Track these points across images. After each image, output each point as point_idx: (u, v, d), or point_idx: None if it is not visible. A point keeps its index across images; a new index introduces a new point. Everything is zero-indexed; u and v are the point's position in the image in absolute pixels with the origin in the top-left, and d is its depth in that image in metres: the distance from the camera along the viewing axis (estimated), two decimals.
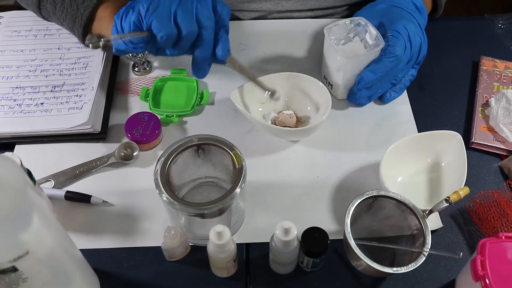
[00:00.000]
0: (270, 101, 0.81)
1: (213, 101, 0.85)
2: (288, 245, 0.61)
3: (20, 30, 0.92)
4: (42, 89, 0.83)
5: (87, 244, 0.69)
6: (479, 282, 0.57)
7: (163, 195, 0.61)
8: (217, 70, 0.89)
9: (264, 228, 0.70)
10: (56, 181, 0.75)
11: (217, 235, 0.59)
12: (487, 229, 0.70)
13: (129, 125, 0.78)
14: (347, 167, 0.77)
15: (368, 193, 0.65)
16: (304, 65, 0.89)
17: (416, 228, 0.65)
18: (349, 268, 0.68)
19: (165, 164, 0.64)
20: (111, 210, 0.73)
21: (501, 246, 0.58)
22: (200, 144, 0.66)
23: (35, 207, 0.47)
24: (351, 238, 0.62)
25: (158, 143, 0.79)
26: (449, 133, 0.74)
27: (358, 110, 0.84)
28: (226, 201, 0.61)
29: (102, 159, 0.77)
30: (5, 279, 0.49)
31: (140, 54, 0.86)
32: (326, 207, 0.73)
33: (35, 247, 0.48)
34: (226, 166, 0.68)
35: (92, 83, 0.83)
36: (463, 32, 0.96)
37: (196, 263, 0.68)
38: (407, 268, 0.60)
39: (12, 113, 0.80)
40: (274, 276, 0.68)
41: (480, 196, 0.73)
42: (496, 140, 0.79)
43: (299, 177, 0.76)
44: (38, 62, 0.87)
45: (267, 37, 0.94)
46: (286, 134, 0.79)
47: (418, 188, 0.75)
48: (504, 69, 0.89)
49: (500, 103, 0.81)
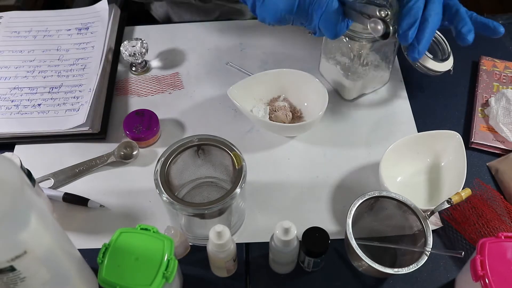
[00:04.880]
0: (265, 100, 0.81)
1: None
2: (287, 245, 0.61)
3: (19, 31, 0.92)
4: (39, 90, 0.83)
5: (86, 244, 0.68)
6: (478, 282, 0.56)
7: (163, 195, 0.61)
8: (217, 70, 0.90)
9: (264, 228, 0.70)
10: (56, 179, 0.75)
11: (217, 235, 0.59)
12: (468, 232, 0.70)
13: (128, 123, 0.78)
14: (347, 167, 0.77)
15: (370, 194, 0.65)
16: (304, 65, 0.89)
17: (418, 228, 0.65)
18: (349, 268, 0.67)
19: (165, 164, 0.64)
20: (111, 209, 0.72)
21: (500, 246, 0.58)
22: (200, 145, 0.66)
23: (33, 207, 0.47)
24: (353, 239, 0.62)
25: (157, 139, 0.79)
26: (449, 133, 0.74)
27: (358, 110, 0.84)
28: (226, 201, 0.60)
29: (102, 158, 0.77)
30: (3, 278, 0.49)
31: (138, 54, 0.86)
32: (326, 207, 0.73)
33: (33, 246, 0.48)
34: (226, 167, 0.68)
35: (90, 85, 0.83)
36: None
37: (196, 263, 0.67)
38: (408, 269, 0.60)
39: (9, 114, 0.80)
40: (274, 276, 0.67)
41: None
42: (496, 140, 0.79)
43: (299, 177, 0.76)
44: (37, 63, 0.87)
45: (267, 37, 0.94)
46: (283, 130, 0.79)
47: (417, 187, 0.75)
48: (504, 69, 0.88)
49: (500, 103, 0.81)
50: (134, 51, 0.85)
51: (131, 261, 0.56)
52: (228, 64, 0.89)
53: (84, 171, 0.76)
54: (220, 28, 0.96)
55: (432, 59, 0.74)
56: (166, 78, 0.89)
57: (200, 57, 0.92)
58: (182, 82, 0.88)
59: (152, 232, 0.59)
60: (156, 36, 0.95)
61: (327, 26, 0.67)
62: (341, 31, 0.67)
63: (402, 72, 0.89)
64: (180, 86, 0.88)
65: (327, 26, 0.67)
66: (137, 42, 0.86)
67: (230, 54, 0.92)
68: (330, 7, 0.65)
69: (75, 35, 0.92)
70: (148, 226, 0.59)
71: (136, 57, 0.86)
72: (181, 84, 0.88)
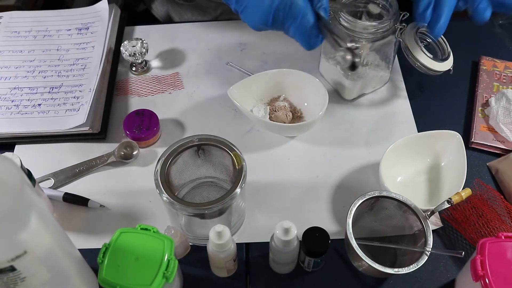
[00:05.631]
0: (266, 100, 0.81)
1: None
2: (288, 244, 0.61)
3: (19, 31, 0.92)
4: (40, 90, 0.83)
5: (86, 244, 0.69)
6: (479, 282, 0.56)
7: (163, 195, 0.61)
8: (217, 70, 0.90)
9: (264, 228, 0.70)
10: (56, 179, 0.75)
11: (217, 235, 0.59)
12: (468, 232, 0.70)
13: (128, 123, 0.78)
14: (347, 167, 0.77)
15: (370, 194, 0.65)
16: (304, 65, 0.89)
17: (418, 228, 0.64)
18: (349, 268, 0.67)
19: (165, 164, 0.64)
20: (111, 209, 0.72)
21: (501, 246, 0.58)
22: (200, 145, 0.66)
23: (34, 207, 0.47)
24: (353, 239, 0.62)
25: (157, 139, 0.79)
26: (449, 133, 0.74)
27: (358, 110, 0.84)
28: (226, 201, 0.60)
29: (102, 158, 0.77)
30: (3, 278, 0.49)
31: (138, 54, 0.86)
32: (326, 207, 0.73)
33: (33, 246, 0.48)
34: (226, 167, 0.68)
35: (90, 85, 0.83)
36: (463, 32, 0.95)
37: (196, 263, 0.67)
38: (408, 269, 0.60)
39: (10, 114, 0.80)
40: (274, 276, 0.67)
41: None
42: (496, 140, 0.79)
43: (299, 176, 0.76)
44: (37, 63, 0.87)
45: (267, 37, 0.94)
46: (283, 130, 0.79)
47: (417, 187, 0.75)
48: (504, 69, 0.88)
49: (500, 103, 0.81)
50: (134, 51, 0.85)
51: (131, 261, 0.56)
52: (228, 64, 0.89)
53: (84, 171, 0.76)
54: (220, 28, 0.96)
55: (432, 59, 0.74)
56: (166, 78, 0.89)
57: (200, 57, 0.92)
58: (182, 82, 0.88)
59: (152, 232, 0.59)
60: (156, 36, 0.95)
61: (302, 39, 0.68)
62: (316, 45, 0.68)
63: (402, 72, 0.89)
64: (180, 86, 0.88)
65: (302, 39, 0.68)
66: (137, 42, 0.86)
67: (230, 54, 0.92)
68: (304, 20, 0.66)
69: (75, 35, 0.92)
70: (148, 226, 0.59)
71: (136, 57, 0.86)
72: (181, 84, 0.88)
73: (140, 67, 0.89)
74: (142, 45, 0.86)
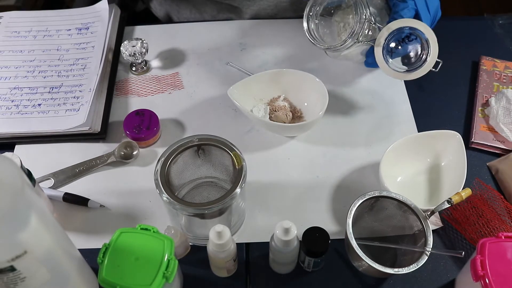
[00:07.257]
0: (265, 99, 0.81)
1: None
2: (288, 244, 0.61)
3: (19, 31, 0.92)
4: (40, 90, 0.83)
5: (86, 244, 0.68)
6: (479, 282, 0.56)
7: (163, 195, 0.61)
8: (217, 70, 0.89)
9: (264, 228, 0.70)
10: (56, 179, 0.75)
11: (217, 235, 0.59)
12: (468, 232, 0.70)
13: (128, 123, 0.78)
14: (347, 167, 0.77)
15: (370, 194, 0.65)
16: (304, 65, 0.89)
17: (418, 228, 0.64)
18: (349, 268, 0.67)
19: (165, 164, 0.64)
20: (111, 209, 0.72)
21: (501, 245, 0.58)
22: (200, 145, 0.66)
23: (34, 207, 0.47)
24: (353, 239, 0.62)
25: (157, 139, 0.79)
26: (449, 133, 0.74)
27: (358, 110, 0.84)
28: (226, 201, 0.60)
29: (102, 158, 0.77)
30: (3, 278, 0.49)
31: (138, 54, 0.86)
32: (326, 207, 0.73)
33: (33, 246, 0.48)
34: (226, 167, 0.68)
35: (90, 85, 0.83)
36: (463, 32, 0.96)
37: (196, 263, 0.67)
38: (408, 269, 0.60)
39: (10, 114, 0.80)
40: (274, 276, 0.67)
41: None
42: (496, 140, 0.79)
43: (299, 177, 0.76)
44: (37, 63, 0.87)
45: (267, 37, 0.94)
46: (283, 130, 0.79)
47: (417, 187, 0.75)
48: (504, 69, 0.88)
49: (500, 103, 0.81)
50: (134, 51, 0.85)
51: (131, 261, 0.56)
52: (228, 64, 0.89)
53: (84, 171, 0.76)
54: (220, 28, 0.96)
55: (405, 72, 0.74)
56: (166, 78, 0.89)
57: (200, 57, 0.92)
58: (182, 82, 0.88)
59: (152, 232, 0.59)
60: (156, 36, 0.95)
61: None
62: None
63: None
64: (180, 86, 0.88)
65: None
66: (137, 42, 0.86)
67: (230, 54, 0.92)
68: None
69: (75, 35, 0.92)
70: (148, 226, 0.59)
71: (136, 57, 0.86)
72: (181, 84, 0.88)
73: (140, 67, 0.89)
74: (142, 45, 0.86)
